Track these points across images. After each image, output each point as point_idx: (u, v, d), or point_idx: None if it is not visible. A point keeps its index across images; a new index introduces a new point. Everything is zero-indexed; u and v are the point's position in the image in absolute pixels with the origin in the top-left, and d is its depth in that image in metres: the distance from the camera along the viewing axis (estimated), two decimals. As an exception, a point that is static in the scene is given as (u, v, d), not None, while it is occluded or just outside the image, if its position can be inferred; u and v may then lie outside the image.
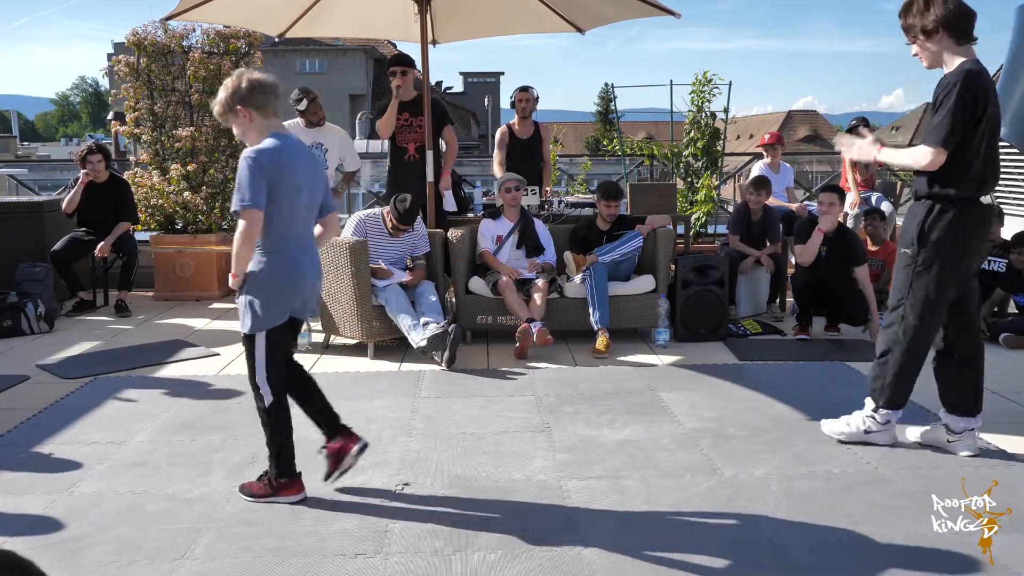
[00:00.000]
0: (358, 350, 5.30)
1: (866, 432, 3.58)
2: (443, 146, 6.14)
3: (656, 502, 3.03)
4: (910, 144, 3.46)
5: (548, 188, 6.58)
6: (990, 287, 5.66)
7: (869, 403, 3.58)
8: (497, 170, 6.31)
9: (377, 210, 5.47)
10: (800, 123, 48.85)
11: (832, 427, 3.70)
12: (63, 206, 6.63)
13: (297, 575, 2.55)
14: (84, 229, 6.63)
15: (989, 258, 5.78)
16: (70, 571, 2.57)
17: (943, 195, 3.31)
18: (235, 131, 3.02)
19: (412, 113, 5.94)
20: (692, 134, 8.07)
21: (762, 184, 6.34)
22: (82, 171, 6.60)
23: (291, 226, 2.96)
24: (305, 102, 5.88)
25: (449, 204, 6.13)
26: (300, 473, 3.07)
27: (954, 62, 3.27)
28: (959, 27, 3.26)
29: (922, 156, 3.27)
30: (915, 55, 3.38)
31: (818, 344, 5.47)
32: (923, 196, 3.37)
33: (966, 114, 3.19)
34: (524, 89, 6.40)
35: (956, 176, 3.27)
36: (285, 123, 6.04)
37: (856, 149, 3.57)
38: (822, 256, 5.49)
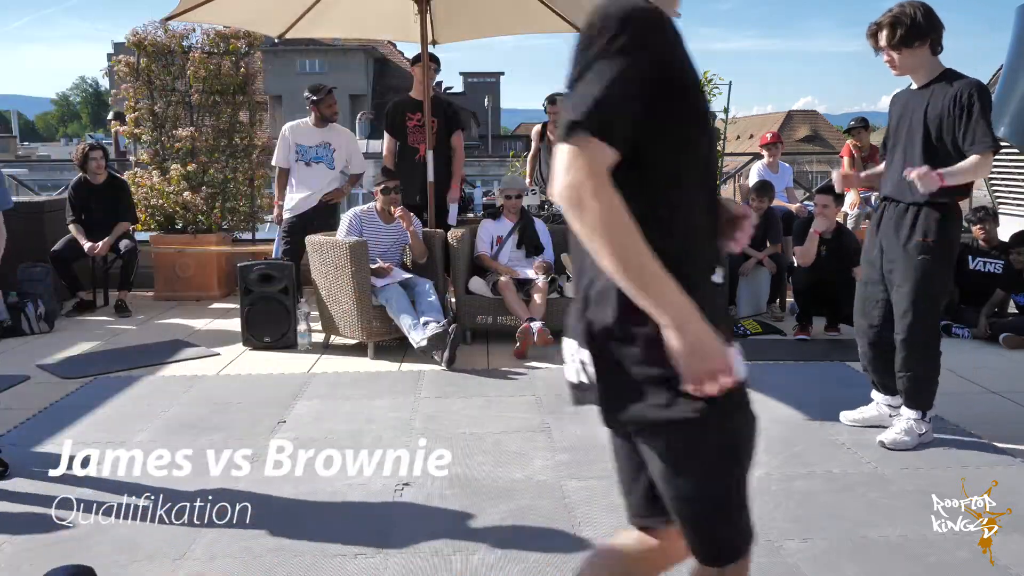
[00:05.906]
0: (358, 350, 5.30)
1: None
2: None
3: (656, 502, 3.02)
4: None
5: None
6: (989, 288, 5.67)
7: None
8: (528, 163, 6.98)
9: (368, 204, 5.48)
10: (800, 123, 48.75)
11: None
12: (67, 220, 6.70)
13: (297, 575, 2.56)
14: (84, 230, 6.62)
15: (984, 259, 5.79)
16: (70, 571, 2.57)
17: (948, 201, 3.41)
18: None
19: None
20: (692, 134, 8.05)
21: (766, 191, 6.33)
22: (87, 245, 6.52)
23: None
24: (321, 94, 5.93)
25: (452, 218, 6.12)
26: None
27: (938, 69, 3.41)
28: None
29: (985, 164, 3.29)
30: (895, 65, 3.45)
31: (818, 344, 5.47)
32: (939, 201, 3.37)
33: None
34: (554, 102, 6.61)
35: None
36: (292, 123, 6.11)
37: (921, 183, 3.28)
38: (822, 256, 5.50)
